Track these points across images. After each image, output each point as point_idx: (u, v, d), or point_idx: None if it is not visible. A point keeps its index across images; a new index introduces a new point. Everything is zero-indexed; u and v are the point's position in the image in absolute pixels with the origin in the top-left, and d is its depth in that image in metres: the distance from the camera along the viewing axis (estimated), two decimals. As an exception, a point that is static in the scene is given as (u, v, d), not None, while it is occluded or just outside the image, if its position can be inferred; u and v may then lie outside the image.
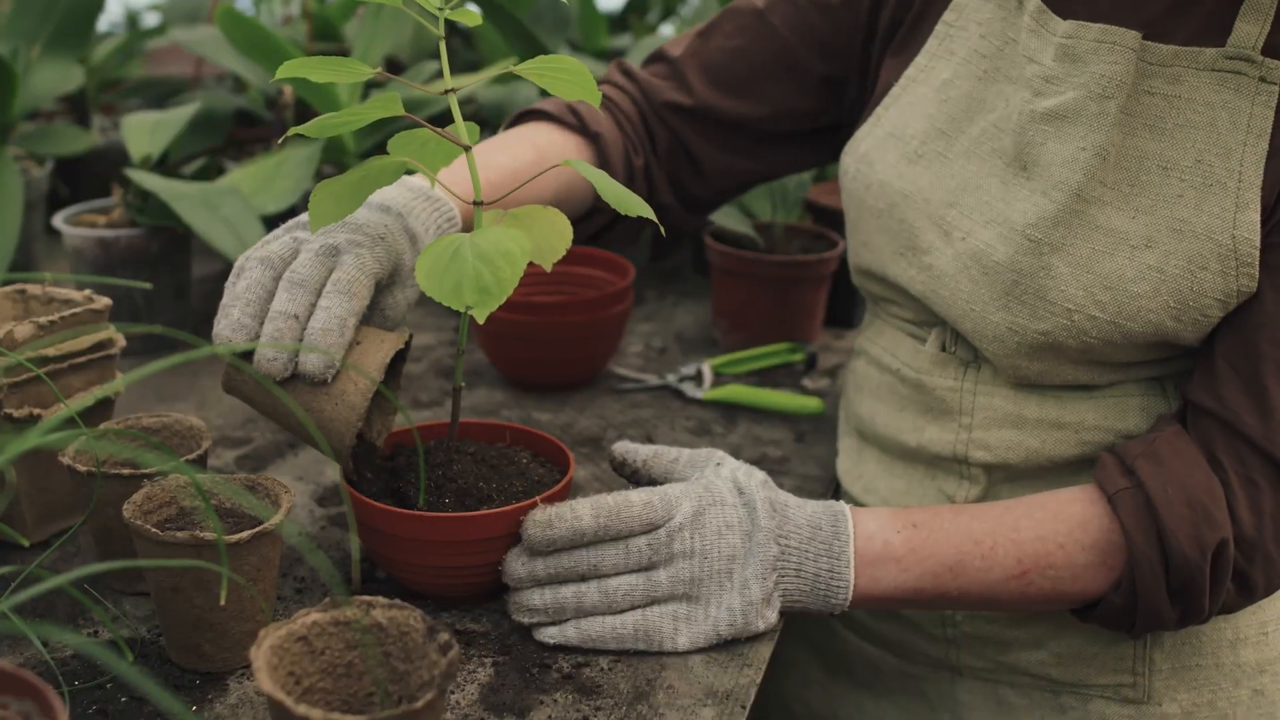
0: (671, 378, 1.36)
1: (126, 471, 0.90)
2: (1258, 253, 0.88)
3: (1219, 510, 0.87)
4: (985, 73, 1.00)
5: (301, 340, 0.81)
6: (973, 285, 0.96)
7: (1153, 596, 0.89)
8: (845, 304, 1.55)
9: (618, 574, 0.87)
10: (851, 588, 0.89)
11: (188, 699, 0.82)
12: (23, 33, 1.57)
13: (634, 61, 1.25)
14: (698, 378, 1.35)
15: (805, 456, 1.22)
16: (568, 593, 0.87)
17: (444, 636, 0.71)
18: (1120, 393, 0.96)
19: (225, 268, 1.68)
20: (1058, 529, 0.90)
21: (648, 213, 0.84)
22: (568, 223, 0.85)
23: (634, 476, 0.97)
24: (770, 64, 1.14)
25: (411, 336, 0.90)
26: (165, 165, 1.60)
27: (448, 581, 0.90)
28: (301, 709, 0.63)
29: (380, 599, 0.73)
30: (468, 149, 0.82)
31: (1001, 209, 0.95)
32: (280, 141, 0.79)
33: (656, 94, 1.17)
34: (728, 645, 0.90)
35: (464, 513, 0.87)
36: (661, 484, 0.94)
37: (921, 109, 1.02)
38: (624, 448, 0.97)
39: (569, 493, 0.94)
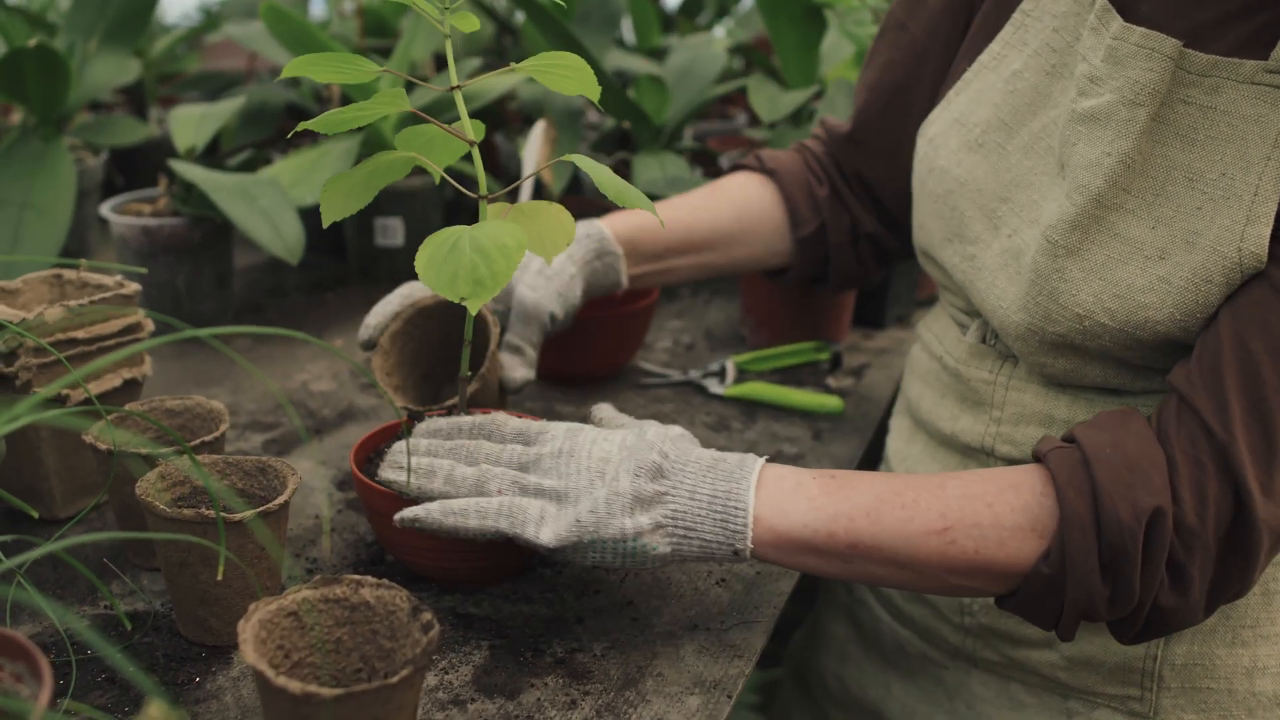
0: (695, 373, 1.37)
1: (144, 451, 0.93)
2: (1263, 267, 0.85)
3: (1159, 477, 0.83)
4: (1054, 67, 0.98)
5: None
6: (1007, 282, 0.96)
7: (1083, 563, 0.83)
8: (874, 304, 1.56)
9: (491, 464, 0.90)
10: (752, 515, 0.85)
11: (192, 670, 0.85)
12: (80, 26, 1.62)
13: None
14: (721, 374, 1.37)
15: (821, 455, 1.23)
16: (443, 462, 0.90)
17: (426, 617, 0.73)
18: (1154, 401, 0.94)
19: (267, 259, 1.72)
20: (987, 489, 0.86)
21: (647, 205, 0.86)
22: (570, 218, 0.87)
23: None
24: (911, 68, 1.15)
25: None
26: (216, 156, 1.65)
27: (447, 565, 0.93)
28: (280, 680, 0.66)
29: (369, 578, 0.76)
30: (473, 144, 0.85)
31: (1042, 208, 0.95)
32: (289, 135, 0.82)
33: (835, 130, 1.24)
34: (720, 637, 0.91)
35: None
36: None
37: (989, 97, 1.02)
38: (597, 407, 1.01)
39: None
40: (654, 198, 1.52)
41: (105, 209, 1.44)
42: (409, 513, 0.88)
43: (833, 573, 0.88)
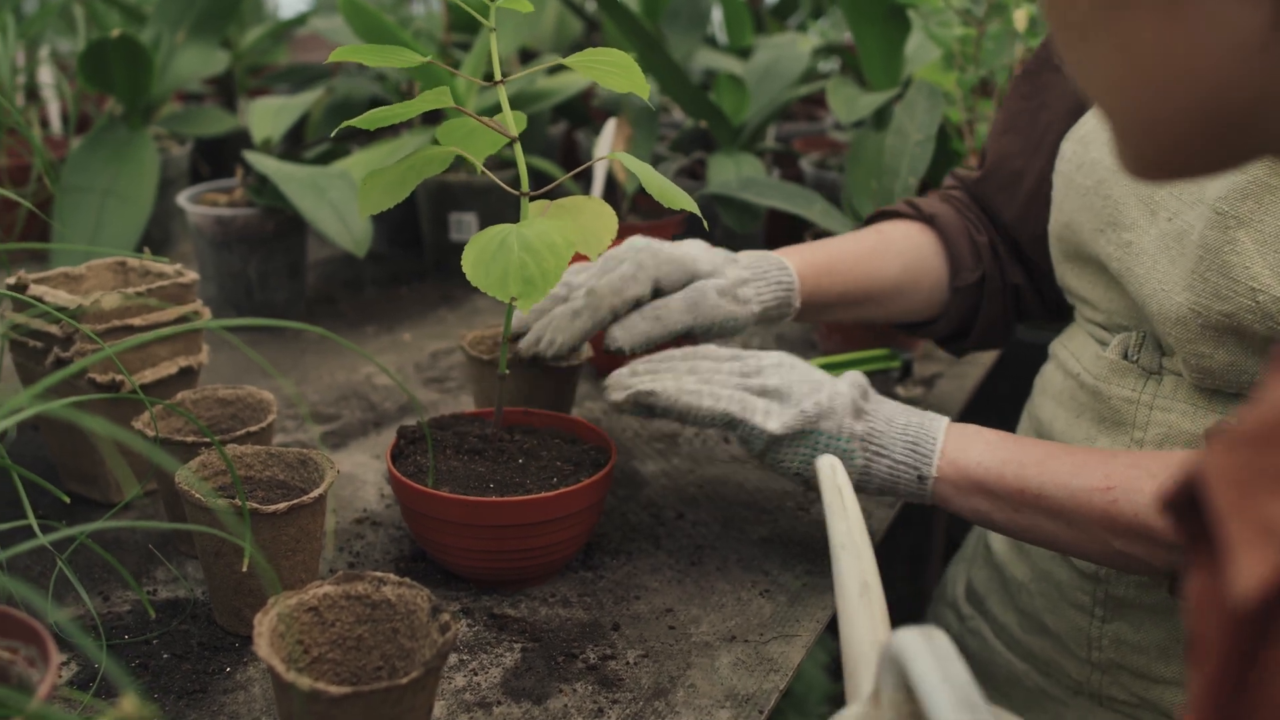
0: (760, 379, 1.35)
1: (191, 439, 0.94)
2: None
3: None
4: None
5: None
6: (1170, 265, 0.92)
7: None
8: (952, 313, 1.52)
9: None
10: (940, 445, 0.92)
11: (224, 659, 0.85)
12: (168, 18, 1.65)
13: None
14: (787, 380, 1.34)
15: (883, 465, 1.20)
16: (667, 374, 0.95)
17: (445, 618, 0.72)
18: None
19: (344, 252, 1.73)
20: (1154, 463, 0.86)
21: (690, 205, 0.85)
22: (613, 213, 0.85)
23: None
24: (1038, 98, 1.12)
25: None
26: (299, 147, 1.66)
27: (478, 565, 0.92)
28: (290, 676, 0.65)
29: (391, 576, 0.75)
30: (514, 140, 0.84)
31: (1207, 188, 0.91)
32: (333, 134, 0.82)
33: (972, 183, 1.20)
34: (758, 650, 0.89)
35: (487, 497, 0.89)
36: None
37: None
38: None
39: (609, 483, 0.95)
40: (734, 202, 1.50)
41: (182, 198, 1.46)
42: (644, 385, 0.94)
43: (1002, 521, 0.92)
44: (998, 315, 1.19)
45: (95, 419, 0.58)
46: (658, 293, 1.03)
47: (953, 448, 0.92)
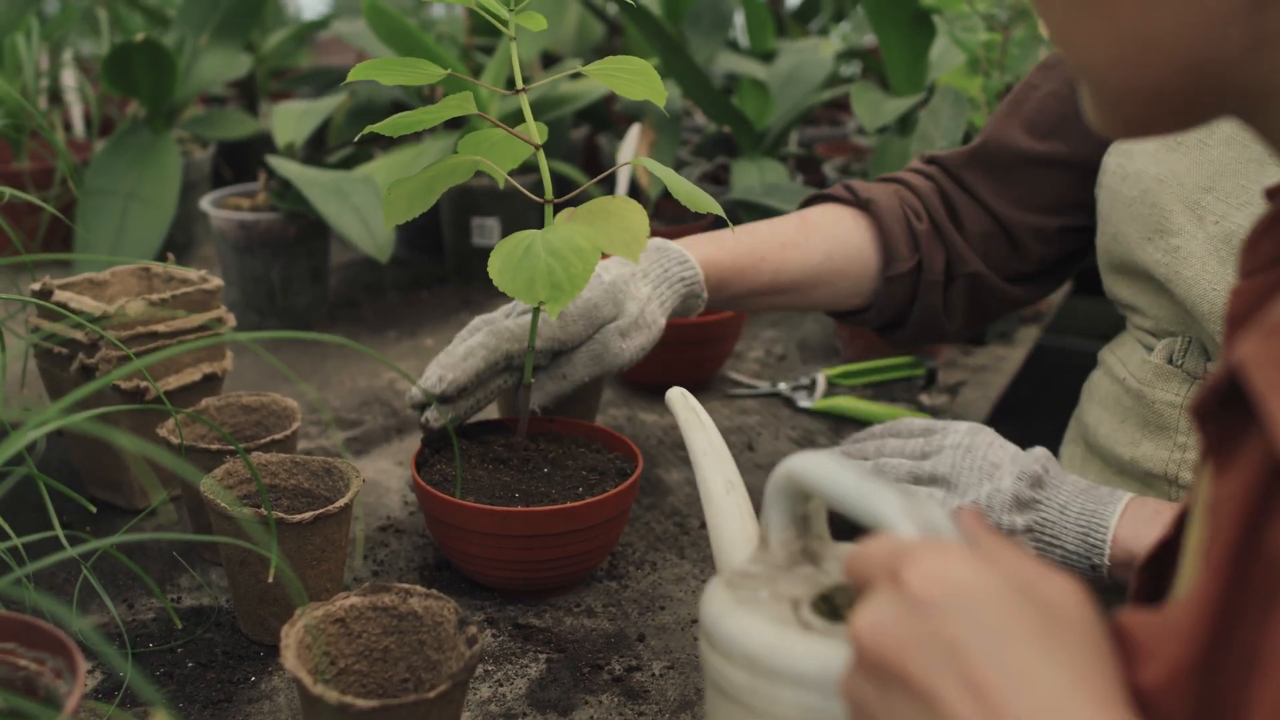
0: (784, 386, 1.35)
1: (215, 447, 0.94)
2: None
3: None
4: None
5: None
6: (1220, 265, 0.93)
7: None
8: (976, 320, 1.51)
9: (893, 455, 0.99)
10: (1112, 534, 0.90)
11: (249, 668, 0.85)
12: (192, 21, 1.65)
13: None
14: (811, 387, 1.34)
15: (908, 474, 1.19)
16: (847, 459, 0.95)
17: (471, 630, 0.72)
18: None
19: (366, 256, 1.73)
20: None
21: (716, 209, 0.84)
22: (644, 214, 0.85)
23: None
24: (1048, 86, 1.12)
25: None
26: (322, 152, 1.66)
27: (504, 574, 0.91)
28: (318, 689, 0.65)
29: (418, 587, 0.75)
30: (538, 148, 0.83)
31: (1256, 191, 0.92)
32: (356, 140, 0.82)
33: (950, 161, 1.17)
34: (785, 661, 0.88)
35: (513, 508, 0.88)
36: None
37: None
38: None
39: (635, 492, 0.94)
40: (758, 208, 1.50)
41: (205, 203, 1.47)
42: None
43: None
44: (937, 306, 1.14)
45: (120, 431, 0.57)
46: (560, 351, 1.00)
47: (1126, 533, 0.90)
